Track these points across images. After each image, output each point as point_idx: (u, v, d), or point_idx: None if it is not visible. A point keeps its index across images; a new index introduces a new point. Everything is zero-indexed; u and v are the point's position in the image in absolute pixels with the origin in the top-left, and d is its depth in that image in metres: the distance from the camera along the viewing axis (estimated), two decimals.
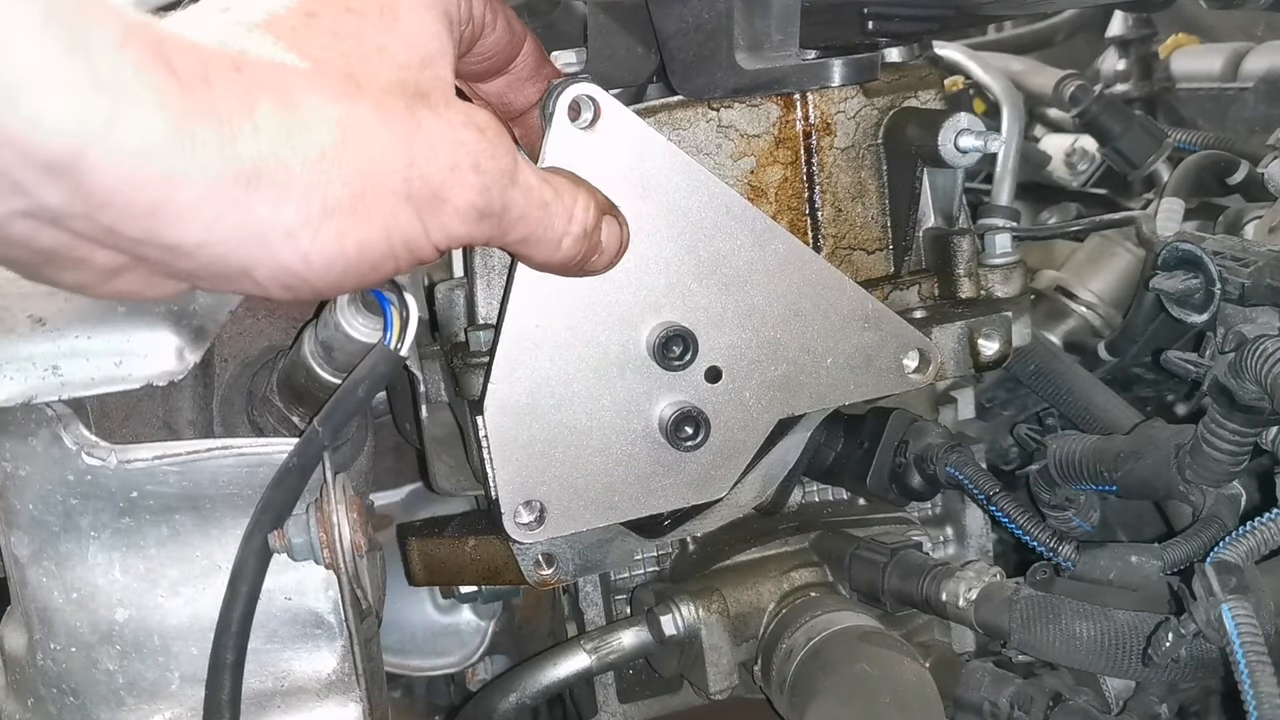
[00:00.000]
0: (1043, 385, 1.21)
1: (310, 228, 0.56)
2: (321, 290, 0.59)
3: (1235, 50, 1.73)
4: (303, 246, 0.56)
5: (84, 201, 0.51)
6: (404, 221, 0.59)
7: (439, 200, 0.60)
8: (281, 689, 0.82)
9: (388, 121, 0.58)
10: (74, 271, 0.56)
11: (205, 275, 0.57)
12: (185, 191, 0.52)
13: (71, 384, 0.74)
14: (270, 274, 0.57)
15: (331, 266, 0.58)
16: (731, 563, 1.02)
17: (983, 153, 0.87)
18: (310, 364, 0.82)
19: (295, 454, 0.75)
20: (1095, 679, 0.91)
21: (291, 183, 0.55)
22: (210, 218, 0.53)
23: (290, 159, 0.55)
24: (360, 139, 0.57)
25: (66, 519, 0.78)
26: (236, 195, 0.53)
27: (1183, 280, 0.89)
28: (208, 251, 0.54)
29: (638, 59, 0.93)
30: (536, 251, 0.69)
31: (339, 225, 0.57)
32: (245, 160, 0.53)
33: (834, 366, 0.87)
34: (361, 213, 0.57)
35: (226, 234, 0.54)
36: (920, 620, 1.05)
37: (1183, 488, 0.90)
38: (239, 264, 0.56)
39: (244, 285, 0.58)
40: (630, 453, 0.84)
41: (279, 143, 0.54)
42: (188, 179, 0.52)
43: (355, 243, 0.58)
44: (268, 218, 0.55)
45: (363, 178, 0.57)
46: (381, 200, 0.58)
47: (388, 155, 0.58)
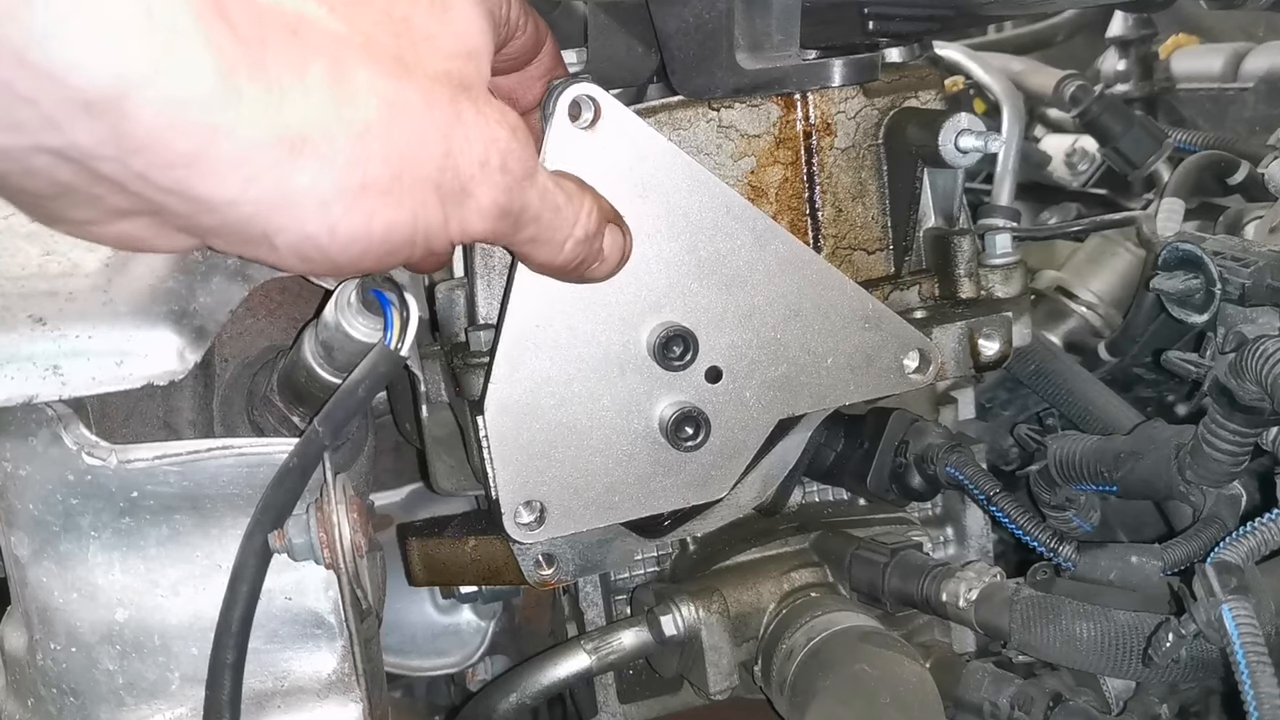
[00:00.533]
0: (1043, 385, 1.21)
1: (344, 201, 0.55)
2: (338, 266, 0.58)
3: (1235, 50, 1.73)
4: (332, 219, 0.55)
5: (118, 144, 0.50)
6: (431, 210, 0.59)
7: (465, 194, 0.60)
8: (281, 689, 0.82)
9: (431, 109, 0.58)
10: (83, 209, 0.55)
11: (223, 233, 0.56)
12: (225, 146, 0.51)
13: (71, 384, 0.74)
14: (291, 242, 0.56)
15: (354, 243, 0.57)
16: (731, 563, 1.02)
17: (983, 153, 0.87)
18: (310, 364, 0.82)
19: (295, 454, 0.75)
20: (1095, 679, 0.91)
21: (335, 154, 0.54)
22: (246, 176, 0.52)
23: (336, 130, 0.54)
24: (404, 121, 0.57)
25: (67, 519, 0.78)
26: (277, 157, 0.52)
27: (1183, 280, 0.89)
28: (236, 210, 0.53)
29: (638, 59, 0.93)
30: (540, 252, 0.69)
31: (371, 204, 0.56)
32: (291, 124, 0.52)
33: (834, 366, 0.87)
34: (395, 195, 0.57)
35: (259, 195, 0.53)
36: (920, 620, 1.05)
37: (1183, 488, 0.90)
38: (263, 228, 0.55)
39: (258, 251, 0.57)
40: (630, 453, 0.84)
41: (327, 111, 0.54)
42: (231, 134, 0.51)
43: (383, 224, 0.57)
44: (304, 185, 0.54)
45: (402, 160, 0.57)
46: (415, 186, 0.58)
47: (427, 142, 0.58)
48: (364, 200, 0.56)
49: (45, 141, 0.49)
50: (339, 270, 0.60)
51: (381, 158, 0.56)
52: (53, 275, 0.76)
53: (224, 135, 0.51)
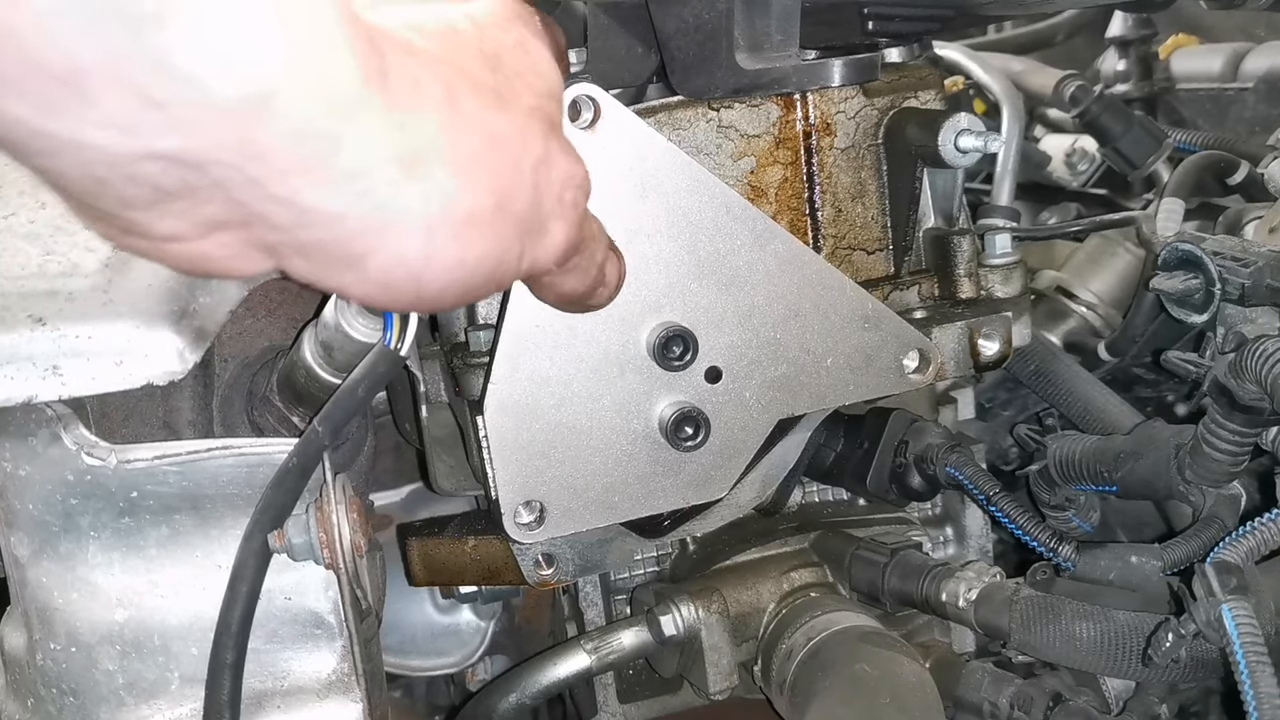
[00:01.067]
0: (1043, 385, 1.21)
1: (448, 228, 0.54)
2: (422, 297, 0.56)
3: (1235, 50, 1.73)
4: (433, 245, 0.54)
5: (240, 149, 0.48)
6: (514, 245, 0.58)
7: (543, 230, 0.60)
8: (281, 689, 0.82)
9: (526, 144, 0.58)
10: (173, 221, 0.52)
11: (315, 251, 0.53)
12: (346, 157, 0.50)
13: (71, 384, 0.74)
14: (383, 265, 0.54)
15: (447, 273, 0.55)
16: (731, 563, 1.02)
17: (983, 153, 0.87)
18: (310, 364, 0.82)
19: (295, 454, 0.75)
20: (1095, 679, 0.91)
21: (446, 179, 0.53)
22: (360, 190, 0.51)
23: (449, 155, 0.53)
24: (505, 154, 0.56)
25: (66, 519, 0.78)
26: (392, 175, 0.51)
27: (1183, 280, 0.89)
28: (340, 226, 0.52)
29: (638, 59, 0.93)
30: (570, 281, 0.67)
31: (471, 234, 0.55)
32: (409, 143, 0.51)
33: (834, 366, 0.87)
34: (492, 228, 0.56)
35: (368, 211, 0.52)
36: (920, 620, 1.05)
37: (1183, 488, 0.90)
38: (360, 247, 0.53)
39: (342, 276, 0.55)
40: (630, 453, 0.84)
41: (441, 136, 0.53)
42: (354, 145, 0.50)
43: (476, 255, 0.56)
44: (413, 207, 0.52)
45: (500, 193, 0.56)
46: (509, 220, 0.57)
47: (522, 177, 0.57)
48: (466, 229, 0.55)
49: (162, 146, 0.47)
50: (419, 302, 0.58)
51: (487, 188, 0.55)
52: (53, 275, 0.76)
53: (347, 145, 0.50)
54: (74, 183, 0.50)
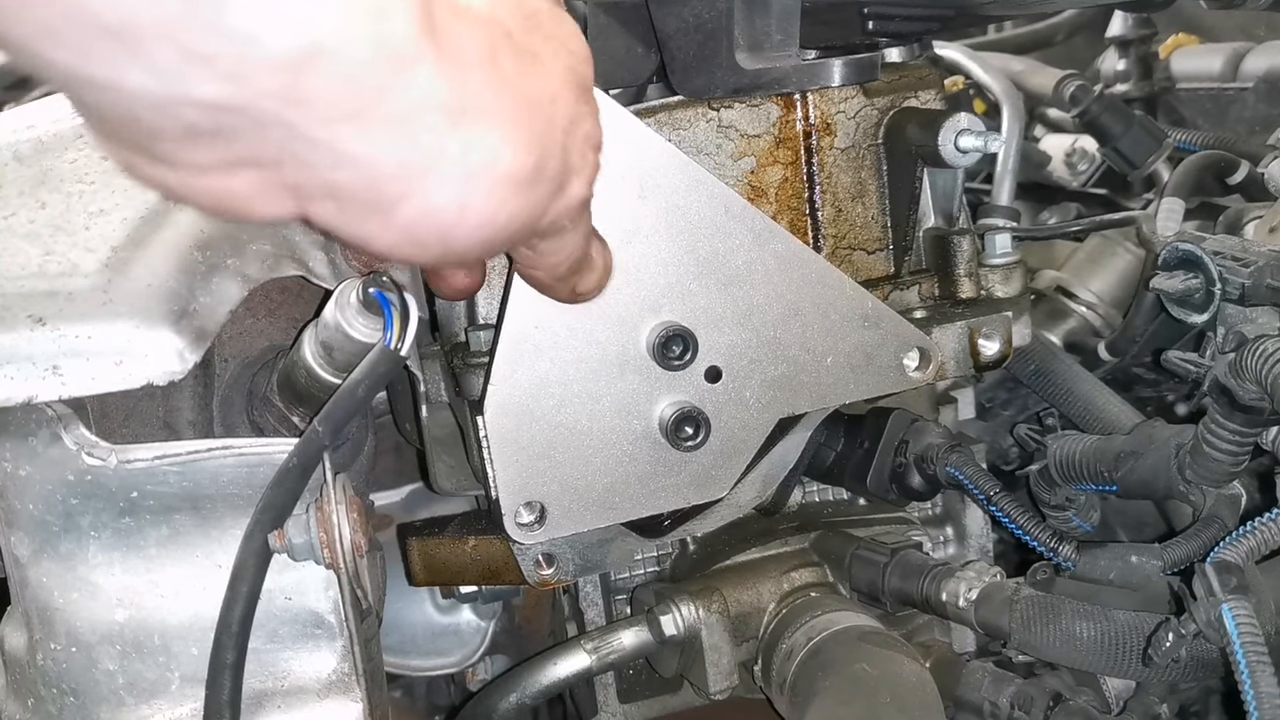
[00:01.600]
0: (1043, 385, 1.21)
1: (485, 180, 0.54)
2: (449, 250, 0.56)
3: (1235, 50, 1.73)
4: (467, 195, 0.54)
5: (284, 97, 0.48)
6: (543, 205, 0.59)
7: (565, 189, 0.60)
8: (281, 689, 0.82)
9: (562, 106, 0.58)
10: (204, 153, 0.51)
11: (347, 194, 0.53)
12: (390, 105, 0.50)
13: (71, 384, 0.74)
14: (413, 214, 0.54)
15: (479, 229, 0.55)
16: (731, 563, 1.02)
17: (983, 153, 0.87)
18: (310, 364, 0.82)
19: (295, 454, 0.75)
20: (1095, 679, 0.91)
21: (487, 130, 0.53)
22: (402, 135, 0.51)
23: (493, 108, 0.53)
24: (543, 114, 0.57)
25: (67, 519, 0.78)
26: (436, 123, 0.51)
27: (1183, 280, 0.89)
28: (376, 166, 0.51)
29: (638, 59, 0.93)
30: (569, 246, 0.67)
31: (506, 193, 0.55)
32: (454, 94, 0.51)
33: (834, 365, 0.87)
34: (528, 187, 0.56)
35: (408, 155, 0.51)
36: (920, 620, 1.05)
37: (1183, 488, 0.90)
38: (394, 192, 0.53)
39: (369, 223, 0.54)
40: (630, 453, 0.84)
41: (486, 89, 0.53)
42: (400, 93, 0.50)
43: (509, 214, 0.56)
44: (454, 155, 0.53)
45: (540, 154, 0.56)
46: (542, 180, 0.57)
47: (556, 139, 0.58)
48: (503, 187, 0.55)
49: (205, 94, 0.47)
50: (443, 255, 0.57)
51: (527, 148, 0.55)
52: (53, 275, 0.76)
53: (395, 94, 0.50)
54: (108, 115, 0.50)
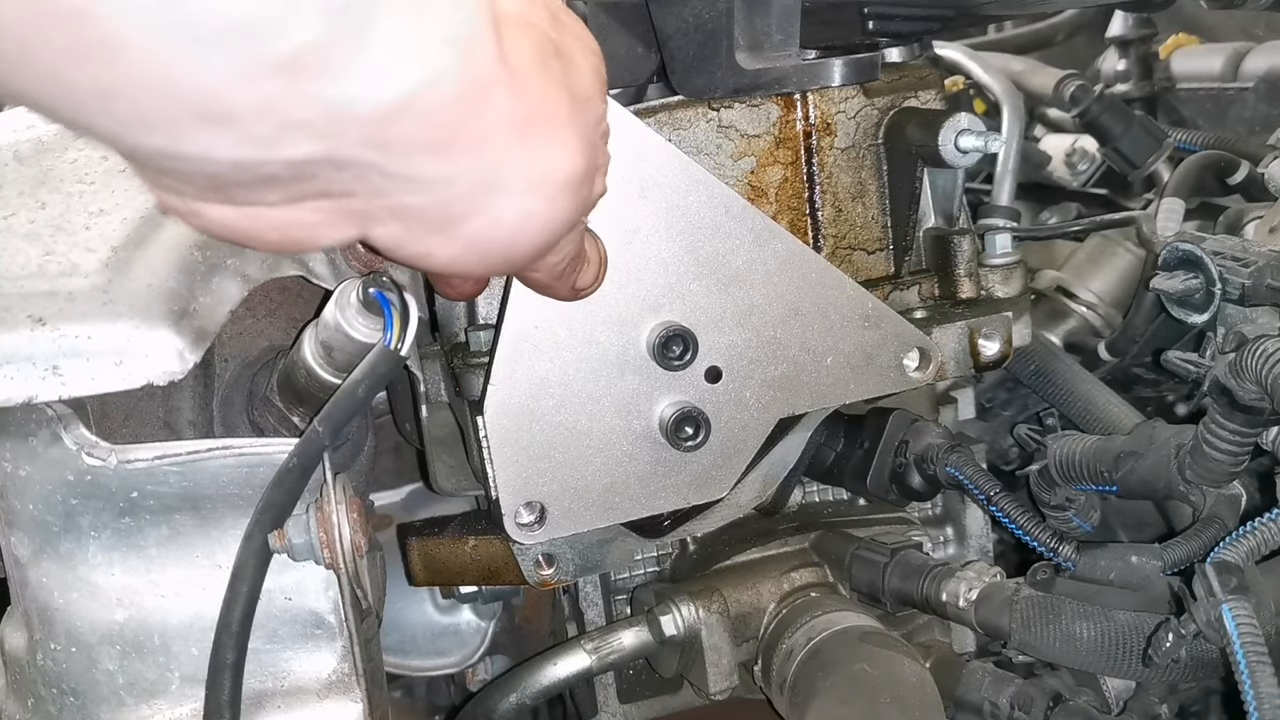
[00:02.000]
0: (1043, 385, 1.21)
1: (547, 189, 0.54)
2: (511, 259, 0.57)
3: (1235, 50, 1.73)
4: (531, 205, 0.54)
5: (369, 145, 0.48)
6: (590, 202, 0.59)
7: (595, 184, 0.60)
8: (281, 689, 0.82)
9: (594, 103, 0.59)
10: (274, 192, 0.51)
11: (415, 216, 0.53)
12: (471, 129, 0.50)
13: (71, 384, 0.74)
14: (479, 229, 0.54)
15: (540, 234, 0.56)
16: (731, 563, 1.02)
17: (983, 153, 0.87)
18: (310, 364, 0.82)
19: (295, 454, 0.75)
20: (1095, 679, 0.91)
21: (551, 139, 0.54)
22: (476, 157, 0.51)
23: (553, 113, 0.54)
24: (587, 115, 0.57)
25: (67, 519, 0.78)
26: (507, 140, 0.52)
27: (1183, 280, 0.89)
28: (450, 188, 0.52)
29: (638, 59, 0.93)
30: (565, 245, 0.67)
31: (565, 196, 0.55)
32: (525, 106, 0.52)
33: (834, 366, 0.87)
34: (582, 187, 0.56)
35: (480, 175, 0.52)
36: (920, 620, 1.05)
37: (1183, 488, 0.90)
38: (463, 209, 0.53)
39: (429, 241, 0.54)
40: (631, 453, 0.84)
41: (545, 95, 0.53)
42: (480, 118, 0.50)
43: (565, 217, 0.56)
44: (521, 169, 0.53)
45: (590, 154, 0.56)
46: (589, 178, 0.57)
47: (595, 135, 0.58)
48: (562, 192, 0.55)
49: (298, 155, 0.47)
50: (504, 264, 0.58)
51: (580, 150, 0.55)
52: (53, 275, 0.76)
53: (473, 120, 0.50)
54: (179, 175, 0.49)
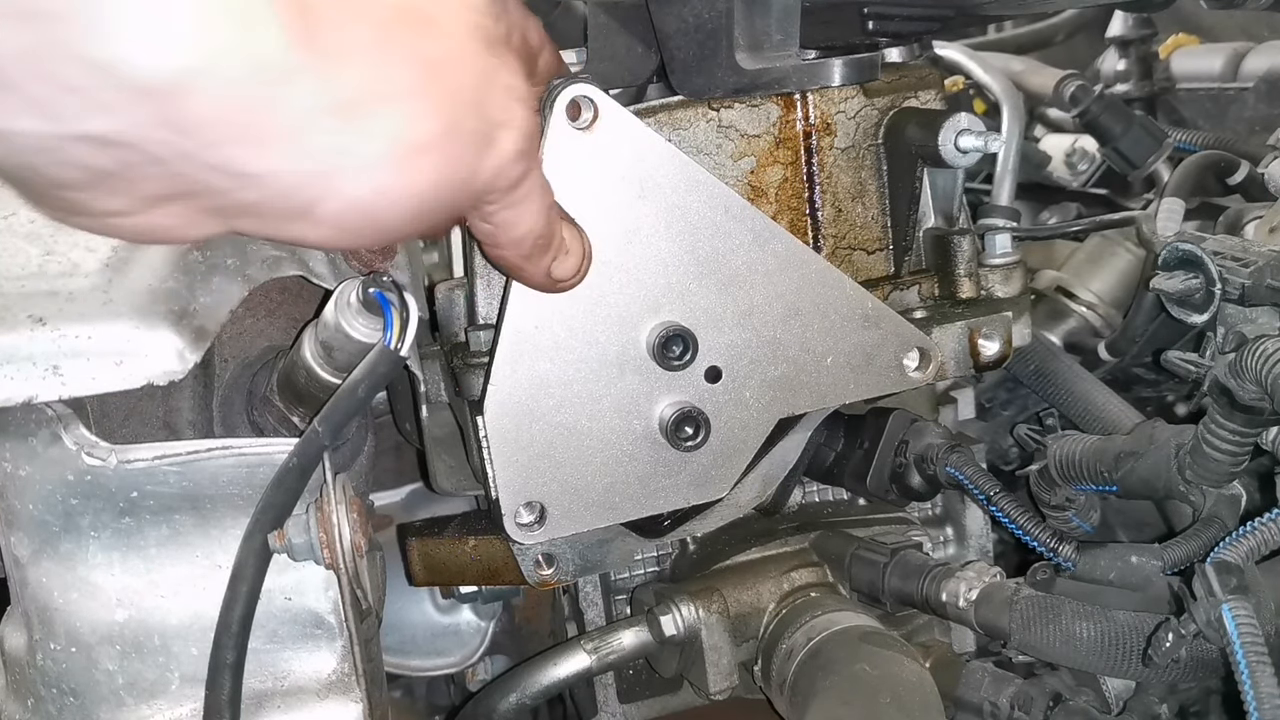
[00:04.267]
0: (1043, 385, 1.21)
1: (395, 162, 0.56)
2: (387, 230, 0.58)
3: (1235, 50, 1.73)
4: (382, 180, 0.56)
5: (168, 126, 0.49)
6: (466, 163, 0.59)
7: (491, 143, 0.61)
8: (281, 689, 0.82)
9: (464, 62, 0.59)
10: (115, 198, 0.53)
11: (262, 210, 0.55)
12: (279, 118, 0.51)
13: (71, 384, 0.74)
14: (337, 209, 0.56)
15: (407, 202, 0.57)
16: (731, 563, 1.02)
17: (983, 153, 0.87)
18: (310, 364, 0.82)
19: (295, 454, 0.75)
20: (1095, 679, 0.91)
21: (384, 113, 0.55)
22: (297, 146, 0.53)
23: (385, 91, 0.55)
24: (443, 77, 0.57)
25: (66, 519, 0.78)
26: (329, 124, 0.53)
27: (1183, 280, 0.89)
28: (281, 181, 0.53)
29: (638, 59, 0.93)
30: (528, 215, 0.68)
31: (421, 162, 0.57)
32: (343, 91, 0.53)
33: (834, 366, 0.87)
34: (440, 151, 0.57)
35: (310, 164, 0.53)
36: (920, 620, 1.05)
37: (1183, 488, 0.90)
38: (307, 197, 0.55)
39: (294, 227, 0.56)
40: (630, 453, 0.84)
41: (374, 73, 0.54)
42: (285, 106, 0.51)
43: (431, 181, 0.58)
44: (353, 147, 0.54)
45: (445, 115, 0.57)
46: (457, 140, 0.58)
47: (464, 95, 0.58)
48: (415, 159, 0.56)
49: (86, 128, 0.49)
50: (380, 236, 0.59)
51: (426, 114, 0.56)
52: (53, 275, 0.76)
53: (279, 108, 0.51)
54: (10, 168, 0.52)
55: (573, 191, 0.77)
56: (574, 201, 0.77)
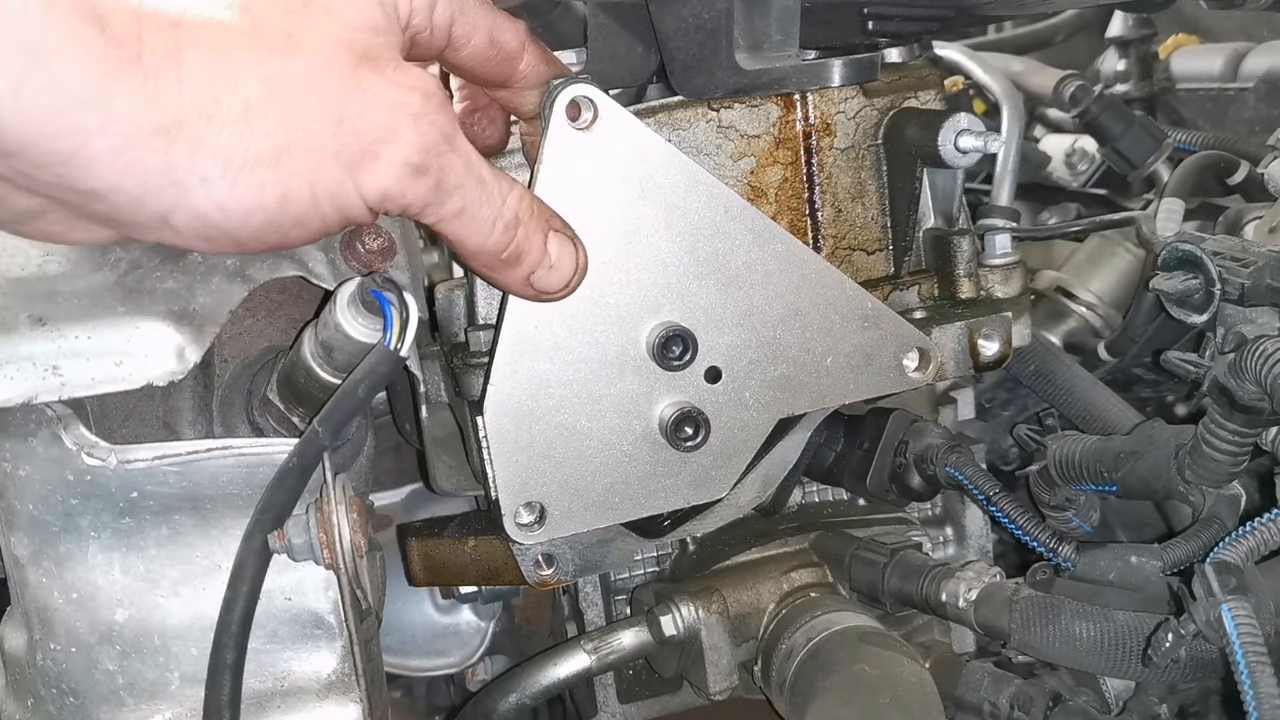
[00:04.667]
0: (1043, 385, 1.21)
1: (228, 177, 0.58)
2: (243, 241, 0.61)
3: (1235, 50, 1.73)
4: (218, 195, 0.58)
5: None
6: (330, 177, 0.61)
7: (372, 156, 0.61)
8: (281, 689, 0.82)
9: (321, 79, 0.60)
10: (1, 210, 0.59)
11: (123, 220, 0.59)
12: (100, 142, 0.55)
13: (71, 384, 0.74)
14: (186, 222, 0.59)
15: (250, 216, 0.60)
16: (731, 563, 1.02)
17: (983, 153, 0.87)
18: (310, 364, 0.82)
19: (295, 454, 0.75)
20: (1095, 679, 0.91)
21: (212, 133, 0.57)
22: (124, 166, 0.56)
23: (213, 111, 0.57)
24: (289, 94, 0.59)
25: (66, 519, 0.78)
26: (155, 144, 0.56)
27: (1183, 280, 0.89)
28: (122, 196, 0.57)
29: (638, 59, 0.93)
30: (470, 231, 0.68)
31: (260, 176, 0.59)
32: (166, 112, 0.56)
33: (834, 366, 0.87)
34: (285, 166, 0.59)
35: (140, 180, 0.57)
36: (920, 620, 1.05)
37: (1183, 488, 0.90)
38: (155, 210, 0.58)
39: (163, 234, 0.60)
40: (630, 453, 0.84)
41: (202, 94, 0.57)
42: (104, 130, 0.55)
43: (276, 196, 0.59)
44: (184, 165, 0.57)
45: (288, 131, 0.59)
46: (308, 155, 0.60)
47: (316, 111, 0.60)
48: (251, 174, 0.58)
49: None
50: (250, 246, 0.62)
51: (265, 131, 0.58)
52: (53, 276, 0.76)
53: (97, 133, 0.55)
54: None
55: (573, 191, 0.77)
56: (574, 201, 0.77)
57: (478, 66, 0.75)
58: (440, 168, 0.64)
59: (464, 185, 0.66)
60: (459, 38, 0.72)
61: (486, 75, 0.77)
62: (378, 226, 0.83)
